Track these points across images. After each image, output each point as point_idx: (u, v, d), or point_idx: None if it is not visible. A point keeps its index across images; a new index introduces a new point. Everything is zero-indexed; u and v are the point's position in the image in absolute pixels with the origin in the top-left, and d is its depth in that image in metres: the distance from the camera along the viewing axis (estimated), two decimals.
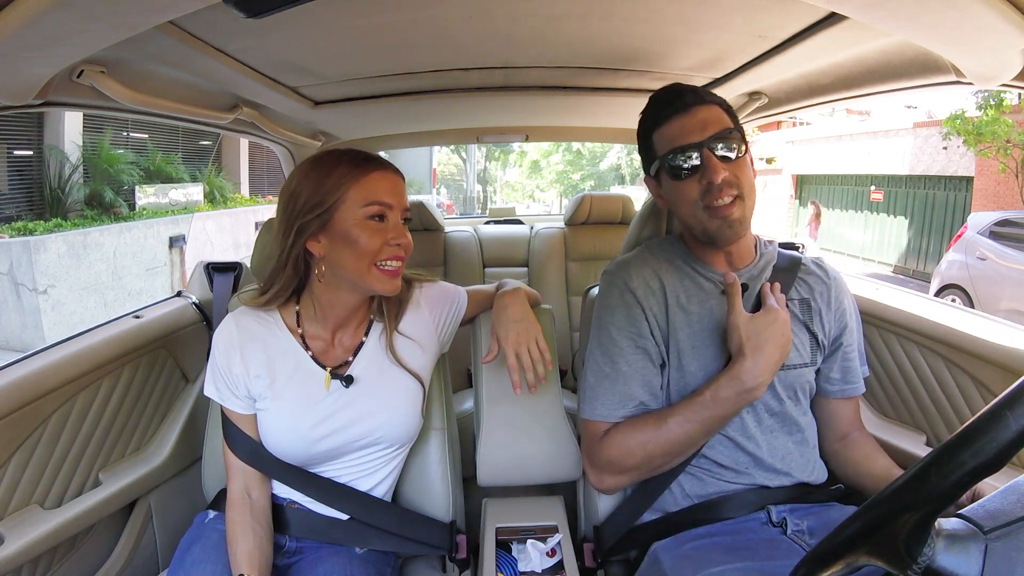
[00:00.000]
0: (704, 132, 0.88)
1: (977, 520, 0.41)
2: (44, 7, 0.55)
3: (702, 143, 0.88)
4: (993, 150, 8.53)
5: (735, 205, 0.88)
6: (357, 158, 0.89)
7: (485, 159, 20.92)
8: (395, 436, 0.96)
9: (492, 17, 0.96)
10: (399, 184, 0.91)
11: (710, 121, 0.89)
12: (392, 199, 0.88)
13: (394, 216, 0.89)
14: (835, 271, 1.02)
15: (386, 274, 0.88)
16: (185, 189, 8.42)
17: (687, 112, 0.90)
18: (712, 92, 0.95)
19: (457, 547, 1.02)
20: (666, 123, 0.92)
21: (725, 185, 0.87)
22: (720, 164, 0.87)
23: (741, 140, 0.90)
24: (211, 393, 0.94)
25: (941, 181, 10.35)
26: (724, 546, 0.84)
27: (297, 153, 1.87)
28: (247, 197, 9.92)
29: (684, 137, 0.89)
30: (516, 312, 1.02)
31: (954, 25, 0.67)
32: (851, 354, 1.00)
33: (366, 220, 0.86)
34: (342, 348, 0.96)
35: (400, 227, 0.89)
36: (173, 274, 7.43)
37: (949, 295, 6.35)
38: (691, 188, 0.89)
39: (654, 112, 0.94)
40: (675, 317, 0.94)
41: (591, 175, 19.44)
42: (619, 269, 1.00)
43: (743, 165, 0.90)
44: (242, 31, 0.89)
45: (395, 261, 0.88)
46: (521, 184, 22.61)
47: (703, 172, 0.88)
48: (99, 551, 1.12)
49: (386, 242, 0.87)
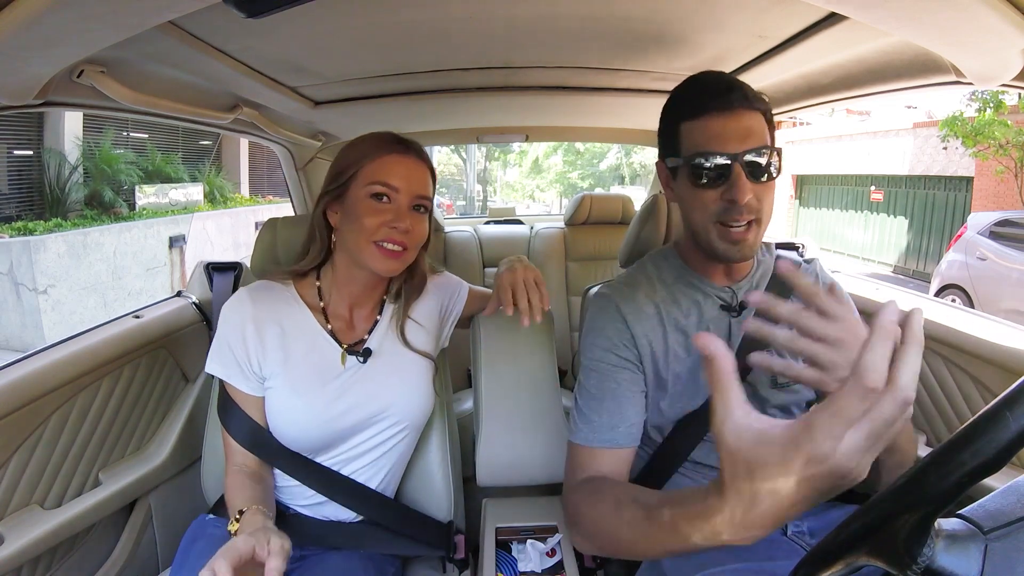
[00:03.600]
0: (743, 143, 0.79)
1: (977, 520, 0.41)
2: (44, 7, 0.55)
3: (737, 155, 0.79)
4: (991, 151, 8.53)
5: (750, 230, 0.82)
6: (383, 140, 0.93)
7: (485, 159, 20.91)
8: (408, 412, 0.97)
9: (492, 17, 0.96)
10: (416, 171, 0.92)
11: (753, 132, 0.80)
12: (400, 183, 0.90)
13: (401, 200, 0.90)
14: (829, 276, 1.00)
15: (383, 253, 0.89)
16: (185, 189, 8.42)
17: (732, 113, 0.80)
18: (761, 97, 0.83)
19: (457, 547, 1.02)
20: (703, 117, 0.81)
21: (747, 208, 0.80)
22: (749, 185, 0.79)
23: (777, 160, 0.82)
24: (215, 370, 0.92)
25: (941, 181, 10.35)
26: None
27: (297, 153, 1.87)
28: (247, 197, 9.92)
29: (719, 143, 0.80)
30: (515, 260, 1.09)
31: (954, 25, 0.67)
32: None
33: (369, 198, 0.89)
34: (359, 327, 0.98)
35: (404, 212, 0.90)
36: (173, 274, 7.43)
37: (949, 295, 6.35)
38: (710, 199, 0.82)
39: (691, 99, 0.84)
40: (672, 341, 0.90)
41: (590, 175, 19.43)
42: (611, 292, 0.96)
43: (770, 189, 0.82)
44: (242, 31, 0.89)
45: (393, 244, 0.89)
46: (521, 184, 22.60)
47: (728, 188, 0.80)
48: (99, 551, 1.12)
49: (385, 223, 0.88)
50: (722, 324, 0.92)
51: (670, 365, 0.91)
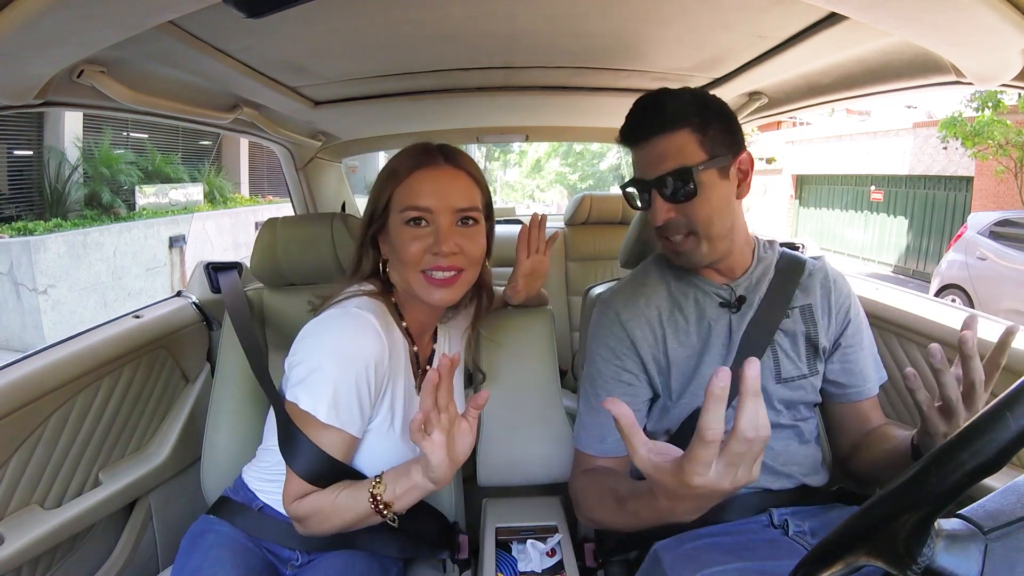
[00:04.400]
0: (656, 169, 0.84)
1: (977, 520, 0.41)
2: (44, 7, 0.55)
3: (650, 183, 0.86)
4: (991, 151, 8.52)
5: (688, 241, 0.87)
6: (410, 155, 0.85)
7: (485, 159, 20.92)
8: None
9: (492, 17, 0.96)
10: (449, 182, 0.84)
11: (667, 155, 0.83)
12: (433, 201, 0.81)
13: (439, 220, 0.81)
14: (836, 271, 0.99)
15: (433, 283, 0.82)
16: (185, 189, 8.42)
17: (646, 144, 0.86)
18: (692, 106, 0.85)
19: (458, 547, 1.02)
20: (632, 148, 0.89)
21: (671, 226, 0.86)
22: (666, 205, 0.85)
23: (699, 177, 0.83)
24: (332, 419, 0.77)
25: (941, 181, 10.35)
26: (725, 546, 0.84)
27: (297, 153, 1.87)
28: (247, 197, 9.92)
29: (639, 170, 0.88)
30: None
31: (954, 25, 0.67)
32: (854, 355, 0.95)
33: (404, 226, 0.82)
34: (425, 351, 0.96)
35: (446, 232, 0.81)
36: (173, 274, 7.43)
37: (949, 295, 6.35)
38: (652, 217, 0.88)
39: (622, 134, 0.91)
40: (672, 344, 0.92)
41: (590, 175, 19.43)
42: (613, 298, 0.98)
43: (699, 204, 0.84)
44: (242, 31, 0.89)
45: (442, 272, 0.81)
46: (521, 184, 22.60)
47: (652, 212, 0.87)
48: (99, 551, 1.12)
49: (427, 249, 0.81)
50: (722, 321, 0.92)
51: (673, 366, 0.92)
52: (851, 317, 0.96)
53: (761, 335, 0.90)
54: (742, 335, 0.90)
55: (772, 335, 0.91)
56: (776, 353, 0.91)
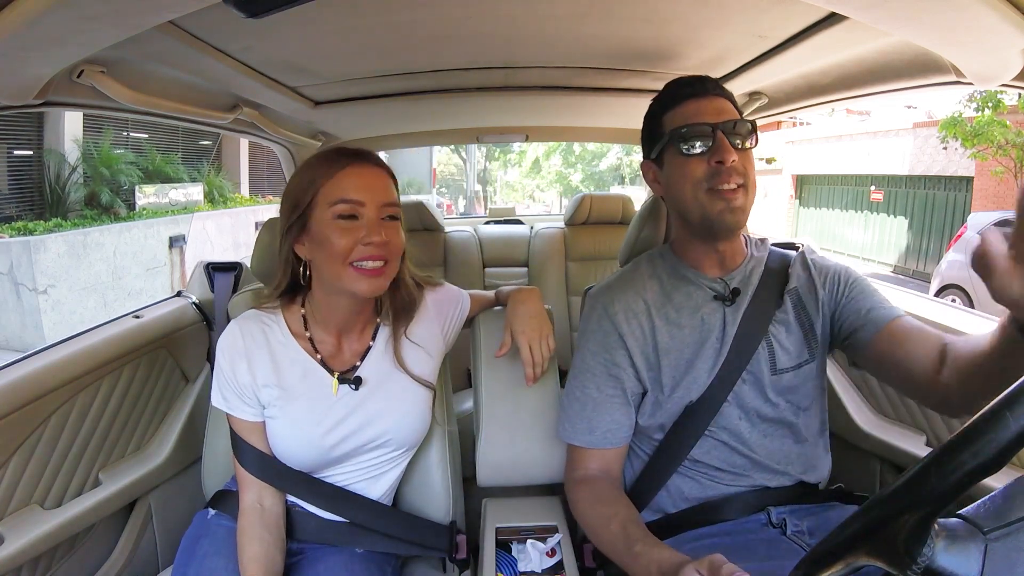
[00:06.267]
0: (719, 116, 0.88)
1: (977, 520, 0.41)
2: (44, 7, 0.55)
3: (716, 124, 0.87)
4: (991, 152, 8.52)
5: (739, 192, 0.87)
6: (332, 156, 0.87)
7: (485, 159, 20.93)
8: (404, 438, 0.96)
9: (492, 17, 0.96)
10: (375, 179, 0.87)
11: (725, 110, 0.90)
12: (362, 195, 0.84)
13: (368, 212, 0.84)
14: (812, 252, 1.01)
15: (363, 273, 0.84)
16: (185, 189, 8.42)
17: (705, 97, 0.90)
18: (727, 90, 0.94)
19: (457, 547, 1.02)
20: (681, 104, 0.91)
21: (733, 170, 0.86)
22: (731, 148, 0.87)
23: (752, 134, 0.91)
24: (219, 403, 0.92)
25: (941, 181, 10.35)
26: (723, 547, 0.84)
27: (297, 153, 1.87)
28: (247, 197, 9.92)
29: (698, 116, 0.89)
30: (534, 308, 1.05)
31: (954, 25, 0.67)
32: (858, 296, 0.91)
33: (335, 220, 0.83)
34: (350, 352, 0.95)
35: (375, 225, 0.84)
36: (173, 274, 7.43)
37: (949, 295, 6.35)
38: (697, 167, 0.87)
39: (670, 94, 0.94)
40: (662, 337, 0.92)
41: (590, 175, 19.44)
42: (601, 293, 0.98)
43: (750, 158, 0.90)
44: (242, 31, 0.89)
45: (372, 261, 0.84)
46: (521, 184, 22.62)
47: (713, 152, 0.86)
48: (99, 551, 1.12)
49: (358, 241, 0.83)
50: (716, 314, 0.92)
51: (664, 360, 0.92)
52: (839, 278, 0.95)
53: (755, 328, 0.91)
54: (736, 328, 0.90)
55: (767, 327, 0.91)
56: (771, 344, 0.91)
